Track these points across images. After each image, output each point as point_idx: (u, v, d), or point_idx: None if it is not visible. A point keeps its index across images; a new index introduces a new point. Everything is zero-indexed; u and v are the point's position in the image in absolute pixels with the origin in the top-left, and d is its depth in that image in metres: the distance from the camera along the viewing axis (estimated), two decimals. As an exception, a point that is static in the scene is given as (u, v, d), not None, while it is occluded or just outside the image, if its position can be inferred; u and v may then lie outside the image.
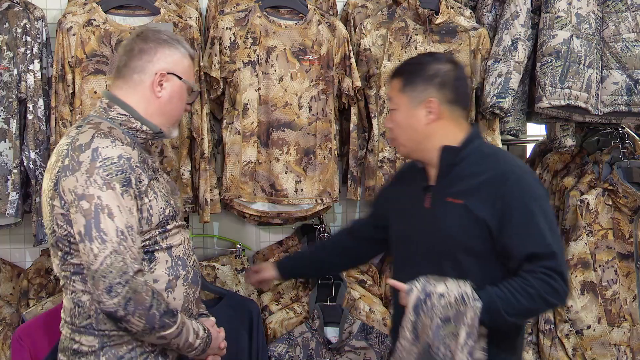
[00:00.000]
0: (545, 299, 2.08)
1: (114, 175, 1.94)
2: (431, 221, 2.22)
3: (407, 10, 3.14)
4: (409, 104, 2.22)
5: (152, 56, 2.11)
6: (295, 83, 2.98)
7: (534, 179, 2.24)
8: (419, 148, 2.25)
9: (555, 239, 2.14)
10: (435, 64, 2.25)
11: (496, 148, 2.39)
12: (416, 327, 2.09)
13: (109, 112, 2.09)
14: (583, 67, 3.04)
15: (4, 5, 2.82)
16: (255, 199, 3.00)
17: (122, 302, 1.89)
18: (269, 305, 3.08)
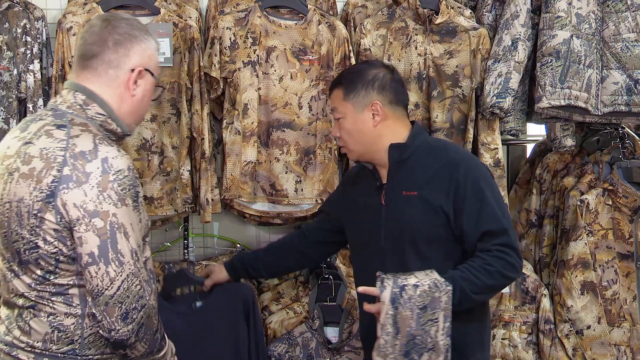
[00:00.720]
0: (503, 274, 2.21)
1: (127, 190, 1.79)
2: (389, 216, 2.33)
3: (407, 10, 3.13)
4: (354, 110, 2.34)
5: (129, 50, 1.93)
6: (295, 83, 2.99)
7: (481, 163, 2.44)
8: (369, 150, 2.36)
9: (505, 216, 2.28)
10: (372, 69, 2.39)
11: (442, 140, 2.60)
12: (396, 320, 2.13)
13: (86, 110, 1.89)
14: (583, 67, 3.04)
15: (4, 5, 2.82)
16: (256, 199, 3.00)
17: (135, 329, 1.78)
18: (269, 305, 3.08)
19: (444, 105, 3.10)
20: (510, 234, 2.24)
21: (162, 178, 2.87)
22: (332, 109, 2.44)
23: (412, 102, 3.10)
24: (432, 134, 3.09)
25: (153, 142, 2.87)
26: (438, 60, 3.10)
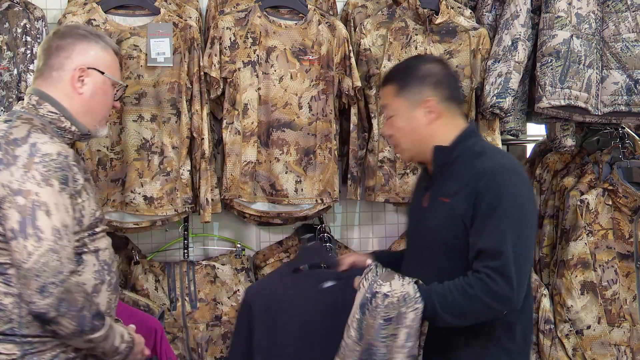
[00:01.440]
0: (482, 300, 2.02)
1: (52, 171, 1.88)
2: (425, 221, 2.25)
3: (407, 10, 3.13)
4: (407, 107, 2.24)
5: (70, 52, 2.05)
6: (295, 83, 2.98)
7: (518, 178, 2.16)
8: (421, 150, 2.25)
9: (516, 240, 2.04)
10: (425, 64, 2.29)
11: (489, 146, 2.35)
12: (361, 326, 2.07)
13: (38, 109, 2.02)
14: (583, 67, 3.04)
15: (4, 5, 2.82)
16: (256, 199, 3.00)
17: (55, 303, 1.81)
18: (269, 305, 3.08)
19: (444, 105, 3.09)
20: (505, 259, 2.01)
21: (162, 178, 2.87)
22: (383, 106, 2.34)
23: (412, 102, 3.09)
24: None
25: (153, 142, 2.87)
26: (438, 60, 3.10)
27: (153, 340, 2.59)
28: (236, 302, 3.04)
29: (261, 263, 3.25)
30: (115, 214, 2.87)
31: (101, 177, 2.84)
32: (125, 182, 2.86)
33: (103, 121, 2.14)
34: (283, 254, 3.26)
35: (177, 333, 2.99)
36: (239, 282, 3.09)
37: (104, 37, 2.14)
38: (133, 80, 2.85)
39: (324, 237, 3.12)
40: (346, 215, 3.43)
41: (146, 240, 3.21)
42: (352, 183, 3.14)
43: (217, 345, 3.01)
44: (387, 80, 2.32)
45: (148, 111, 2.87)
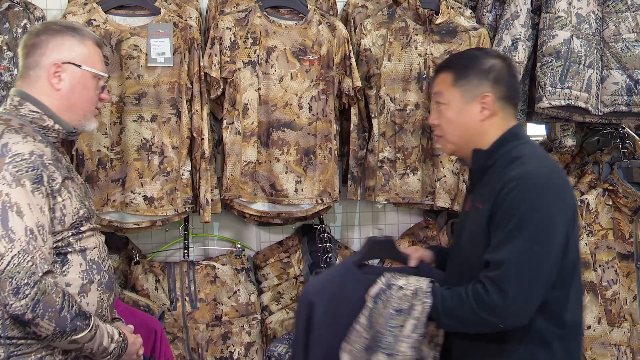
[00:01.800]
0: (473, 309, 1.96)
1: (24, 171, 1.86)
2: (465, 226, 2.18)
3: (407, 10, 3.13)
4: (462, 99, 2.15)
5: (44, 49, 2.03)
6: (295, 83, 2.98)
7: (545, 187, 2.01)
8: (467, 146, 2.17)
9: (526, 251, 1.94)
10: (489, 58, 2.18)
11: (528, 151, 2.14)
12: (372, 314, 2.09)
13: (19, 109, 2.01)
14: (583, 67, 3.04)
15: (4, 6, 2.82)
16: (256, 199, 3.00)
17: (30, 304, 1.79)
18: (269, 305, 3.08)
19: (444, 105, 3.09)
20: (505, 270, 1.92)
21: (162, 178, 2.87)
22: (436, 92, 2.21)
23: (412, 102, 3.10)
24: (432, 133, 3.08)
25: (153, 142, 2.87)
26: (438, 61, 3.09)
27: (153, 340, 2.59)
28: (236, 302, 3.04)
29: (261, 263, 3.26)
30: (116, 214, 2.87)
31: (101, 177, 2.84)
32: (125, 182, 2.86)
33: (89, 115, 2.11)
34: (283, 254, 3.26)
35: (177, 333, 2.99)
36: (239, 282, 3.09)
37: (81, 29, 2.11)
38: (133, 81, 2.85)
39: (324, 237, 3.12)
40: (346, 216, 3.43)
41: (146, 240, 3.22)
42: (352, 183, 3.14)
43: (217, 345, 3.01)
44: (444, 67, 2.23)
45: (148, 111, 2.87)
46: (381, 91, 3.09)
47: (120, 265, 3.06)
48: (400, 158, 3.10)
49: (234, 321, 3.03)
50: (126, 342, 2.04)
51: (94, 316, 1.95)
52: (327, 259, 3.04)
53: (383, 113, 3.10)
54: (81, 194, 2.04)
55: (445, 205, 3.11)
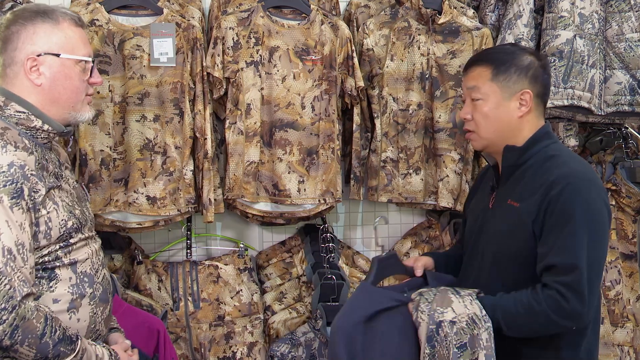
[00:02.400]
0: (549, 317, 1.96)
1: (1, 186, 1.72)
2: (490, 223, 2.17)
3: (409, 10, 3.13)
4: (501, 95, 2.14)
5: (17, 42, 1.86)
6: (298, 83, 2.98)
7: (592, 187, 2.05)
8: (501, 142, 2.16)
9: (591, 254, 1.97)
10: (527, 54, 2.19)
11: (563, 150, 2.20)
12: (434, 359, 1.99)
13: (4, 110, 1.86)
14: (586, 67, 3.04)
15: (7, 5, 2.82)
16: (258, 199, 3.00)
17: (8, 331, 1.68)
18: (272, 305, 3.08)
19: (447, 105, 3.10)
20: (579, 274, 1.93)
21: (165, 178, 2.87)
22: (472, 87, 2.19)
23: (415, 102, 3.10)
24: (435, 133, 3.09)
25: (156, 142, 2.87)
26: (441, 60, 3.10)
27: (156, 340, 2.59)
28: (239, 302, 3.04)
29: (264, 263, 3.26)
30: (118, 213, 2.87)
31: (104, 177, 2.84)
32: (128, 182, 2.86)
33: (79, 105, 1.95)
34: (286, 254, 3.26)
35: (180, 333, 2.99)
36: (242, 282, 3.09)
37: (54, 11, 1.92)
38: (136, 80, 2.85)
39: (326, 237, 3.12)
40: (349, 216, 3.43)
41: (149, 240, 3.22)
42: (354, 183, 3.13)
43: (219, 345, 3.01)
44: (480, 61, 2.21)
45: (151, 111, 2.87)
46: (384, 91, 3.09)
47: (123, 265, 3.06)
48: (403, 158, 3.10)
49: (237, 321, 3.03)
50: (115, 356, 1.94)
51: (82, 339, 1.84)
52: (330, 258, 3.04)
53: (386, 113, 3.10)
54: (70, 202, 1.91)
55: (448, 205, 3.11)
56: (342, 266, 3.15)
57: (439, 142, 3.09)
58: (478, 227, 2.23)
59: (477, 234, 2.23)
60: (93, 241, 1.99)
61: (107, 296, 1.98)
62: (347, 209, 3.42)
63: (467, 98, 2.22)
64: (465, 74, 2.26)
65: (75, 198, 1.96)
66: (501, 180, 2.19)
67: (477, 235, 2.22)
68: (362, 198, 3.17)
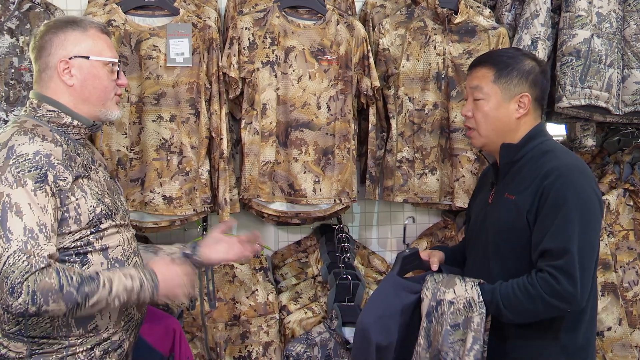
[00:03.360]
0: (545, 300, 2.06)
1: (26, 171, 1.87)
2: (490, 216, 2.27)
3: (425, 9, 3.12)
4: (502, 96, 2.26)
5: (50, 48, 2.04)
6: (313, 83, 2.99)
7: (584, 177, 2.16)
8: (498, 141, 2.28)
9: (582, 238, 2.06)
10: (528, 59, 2.30)
11: (556, 146, 2.32)
12: (429, 333, 2.14)
13: (37, 111, 2.04)
14: (604, 67, 3.02)
15: (25, 7, 2.85)
16: (274, 198, 3.00)
17: (28, 299, 1.79)
18: (287, 305, 3.08)
19: (463, 105, 3.08)
20: (570, 258, 2.03)
21: (181, 178, 2.89)
22: (474, 86, 2.31)
23: (431, 102, 3.09)
24: (451, 133, 3.08)
25: (172, 142, 2.88)
26: (457, 60, 3.09)
27: (172, 339, 2.60)
28: (255, 301, 3.05)
29: (279, 263, 3.26)
30: (135, 213, 2.89)
31: (121, 176, 2.86)
32: (144, 181, 2.88)
33: (108, 103, 2.11)
34: (301, 253, 3.26)
35: (196, 332, 3.00)
36: (258, 281, 3.10)
37: (82, 20, 2.10)
38: (152, 81, 2.87)
39: (342, 237, 3.11)
40: (364, 216, 3.42)
41: (165, 240, 3.23)
42: (370, 183, 3.13)
43: (235, 344, 3.02)
44: (484, 62, 2.32)
45: (167, 111, 2.88)
46: (399, 91, 3.09)
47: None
48: (419, 158, 3.09)
49: (252, 321, 3.04)
50: (151, 271, 2.00)
51: (101, 272, 1.92)
52: (345, 258, 3.04)
53: (401, 113, 3.09)
54: (100, 191, 2.04)
55: (464, 206, 3.10)
56: (358, 266, 3.15)
57: (455, 142, 3.09)
58: (479, 222, 2.34)
59: (478, 228, 2.34)
60: (125, 230, 2.11)
61: None
62: (362, 209, 3.42)
63: (470, 97, 2.34)
64: (469, 73, 2.37)
65: (107, 189, 2.08)
66: (499, 177, 2.29)
67: (479, 229, 2.33)
68: (378, 198, 3.17)
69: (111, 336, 2.05)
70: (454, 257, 2.51)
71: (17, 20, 2.83)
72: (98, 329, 2.02)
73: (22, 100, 2.80)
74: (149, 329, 2.40)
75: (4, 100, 2.81)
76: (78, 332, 1.98)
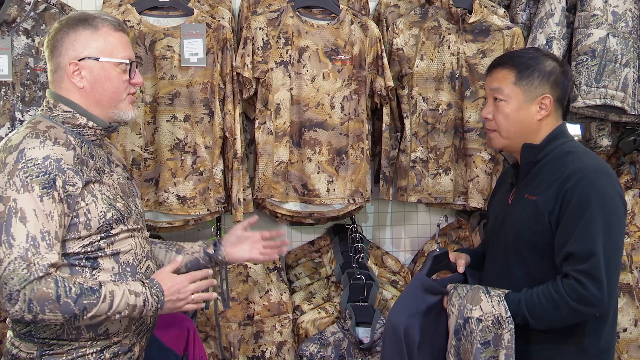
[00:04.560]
0: (571, 306, 2.04)
1: (34, 176, 1.85)
2: (510, 218, 2.25)
3: (439, 9, 3.12)
4: (523, 98, 2.24)
5: (61, 49, 2.01)
6: (327, 83, 2.98)
7: (607, 179, 2.14)
8: (519, 142, 2.25)
9: (607, 241, 2.04)
10: (549, 60, 2.28)
11: (578, 147, 2.29)
12: (458, 351, 2.13)
13: (53, 111, 2.01)
14: (619, 66, 3.00)
15: (41, 7, 2.86)
16: (288, 198, 3.01)
17: (24, 307, 1.79)
18: (301, 305, 3.08)
19: (477, 105, 3.07)
20: (596, 261, 2.01)
21: (195, 178, 2.89)
22: (495, 88, 2.28)
23: (445, 101, 3.08)
24: (465, 133, 3.07)
25: (186, 142, 2.89)
26: (471, 60, 3.08)
27: (185, 339, 2.60)
28: (268, 301, 3.05)
29: (293, 263, 3.26)
30: (149, 213, 2.90)
31: (135, 176, 2.87)
32: (158, 181, 2.89)
33: (121, 105, 2.06)
34: (315, 253, 3.26)
35: (209, 332, 3.01)
36: (271, 281, 3.10)
37: (95, 18, 2.04)
38: (167, 81, 2.88)
39: (355, 237, 3.11)
40: (378, 216, 3.42)
41: (179, 240, 3.23)
42: (384, 183, 3.13)
43: (249, 344, 3.03)
44: (505, 64, 2.29)
45: (181, 111, 2.89)
46: (413, 91, 3.08)
47: (153, 264, 3.09)
48: (433, 158, 3.09)
49: (266, 320, 3.04)
50: (158, 287, 1.98)
51: (106, 284, 1.89)
52: (359, 259, 3.03)
53: (415, 113, 3.09)
54: (112, 195, 2.00)
55: (478, 206, 3.09)
56: (371, 266, 3.14)
57: (469, 142, 3.08)
58: (499, 223, 2.32)
59: (498, 229, 2.32)
60: (139, 233, 2.08)
61: None
62: (376, 209, 3.41)
63: (490, 98, 2.32)
64: (489, 74, 2.34)
65: (120, 192, 2.05)
66: (520, 177, 2.27)
67: (498, 230, 2.31)
68: (392, 198, 3.16)
69: (122, 340, 2.04)
70: (477, 260, 2.48)
71: (33, 21, 2.85)
72: (108, 332, 2.01)
73: (38, 100, 2.82)
74: (163, 328, 2.40)
75: (19, 100, 2.82)
76: (88, 335, 1.98)
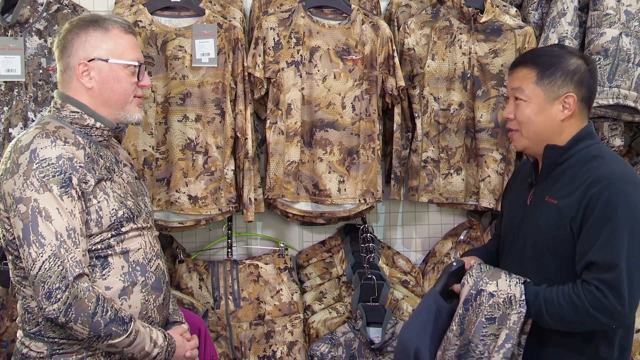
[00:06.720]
0: (590, 313, 1.99)
1: (50, 176, 1.87)
2: (528, 218, 2.19)
3: (451, 9, 3.11)
4: (545, 98, 2.15)
5: (71, 49, 2.02)
6: (338, 83, 2.98)
7: (634, 188, 2.04)
8: (542, 143, 2.17)
9: (631, 253, 1.97)
10: (573, 58, 2.18)
11: (606, 151, 2.19)
12: (463, 321, 2.10)
13: (61, 112, 2.03)
14: (632, 66, 2.98)
15: (54, 8, 2.88)
16: (299, 198, 3.01)
17: (62, 308, 1.83)
18: (312, 305, 3.08)
19: (488, 104, 3.07)
20: (618, 273, 1.94)
21: (207, 178, 2.90)
22: (516, 88, 2.20)
23: (457, 101, 3.08)
24: (477, 133, 3.06)
25: (197, 142, 2.89)
26: (483, 60, 3.07)
27: (197, 338, 2.61)
28: (279, 301, 3.05)
29: (304, 263, 3.26)
30: (161, 213, 2.90)
31: (147, 176, 2.88)
32: (170, 181, 2.89)
33: (128, 106, 2.08)
34: (326, 253, 3.26)
35: (220, 332, 3.01)
36: (282, 281, 3.10)
37: (106, 20, 2.07)
38: (178, 81, 2.88)
39: (366, 237, 3.11)
40: (389, 216, 3.42)
41: (190, 239, 3.25)
42: (395, 183, 3.12)
43: (260, 344, 3.03)
44: (526, 62, 2.21)
45: (193, 111, 2.89)
46: (425, 91, 3.07)
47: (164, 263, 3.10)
48: (444, 158, 3.08)
49: (277, 320, 3.04)
50: (173, 346, 2.04)
51: (135, 321, 1.94)
52: (370, 259, 3.03)
53: (427, 113, 3.08)
54: (123, 193, 2.03)
55: (489, 206, 3.08)
56: (382, 266, 3.14)
57: (480, 142, 3.07)
58: (517, 223, 2.26)
59: (515, 230, 2.26)
60: (148, 232, 2.10)
61: (160, 285, 2.08)
62: (387, 209, 3.41)
63: (511, 98, 2.24)
64: (510, 73, 2.26)
65: (130, 191, 2.07)
66: (540, 177, 2.20)
67: (516, 231, 2.25)
68: (403, 198, 3.16)
69: None
70: (490, 258, 2.41)
71: (45, 22, 2.86)
72: None
73: (50, 100, 2.83)
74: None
75: (32, 100, 2.84)
76: None
